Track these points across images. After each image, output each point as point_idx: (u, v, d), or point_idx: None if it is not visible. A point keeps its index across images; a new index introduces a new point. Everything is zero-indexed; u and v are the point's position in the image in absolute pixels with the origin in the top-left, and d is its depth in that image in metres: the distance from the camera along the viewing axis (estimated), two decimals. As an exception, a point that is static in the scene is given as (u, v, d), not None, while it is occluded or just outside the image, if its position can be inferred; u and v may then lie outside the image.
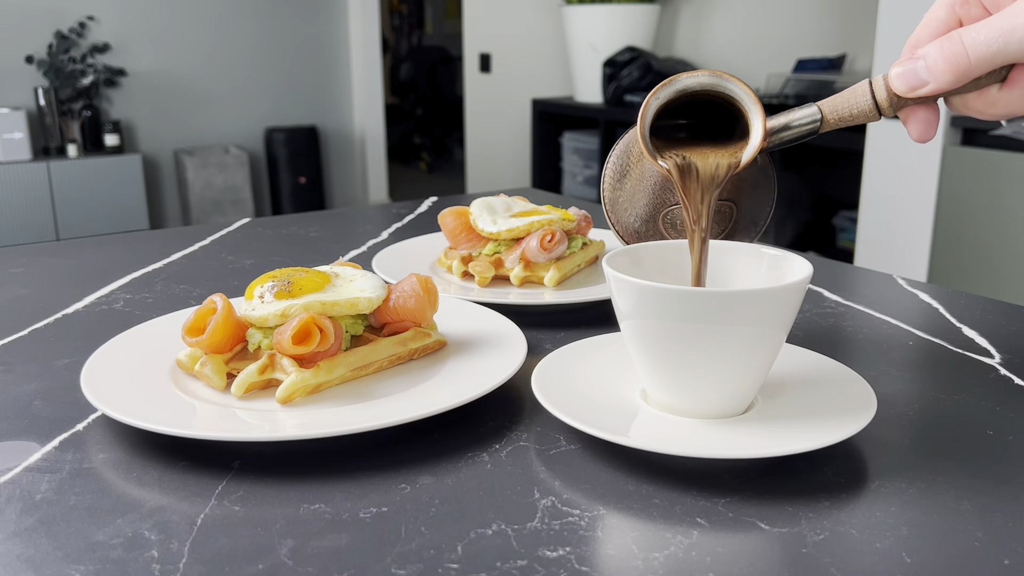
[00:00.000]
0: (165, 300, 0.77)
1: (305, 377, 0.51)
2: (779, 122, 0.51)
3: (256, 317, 0.54)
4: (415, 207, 1.17)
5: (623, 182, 0.55)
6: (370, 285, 0.59)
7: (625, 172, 0.55)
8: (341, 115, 4.76)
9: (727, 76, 0.50)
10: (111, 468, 0.46)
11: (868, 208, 2.24)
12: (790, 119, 0.51)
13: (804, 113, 0.51)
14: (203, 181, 4.11)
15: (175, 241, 0.99)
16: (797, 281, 0.46)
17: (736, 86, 0.50)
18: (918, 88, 0.47)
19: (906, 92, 0.47)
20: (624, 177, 0.55)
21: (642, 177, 0.53)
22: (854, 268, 0.90)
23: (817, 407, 0.49)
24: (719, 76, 0.50)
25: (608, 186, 0.56)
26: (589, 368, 0.54)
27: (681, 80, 0.49)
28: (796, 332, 0.68)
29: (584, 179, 3.33)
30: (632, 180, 0.54)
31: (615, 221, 0.56)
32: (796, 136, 0.51)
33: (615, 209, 0.56)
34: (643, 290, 0.45)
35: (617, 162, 0.56)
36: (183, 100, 4.28)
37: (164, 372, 0.55)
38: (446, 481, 0.45)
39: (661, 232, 0.55)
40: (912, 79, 0.47)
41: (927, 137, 0.48)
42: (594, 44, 3.13)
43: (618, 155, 0.56)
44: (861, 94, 0.49)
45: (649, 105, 0.50)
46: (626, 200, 0.55)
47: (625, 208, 0.55)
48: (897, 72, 0.47)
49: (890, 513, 0.41)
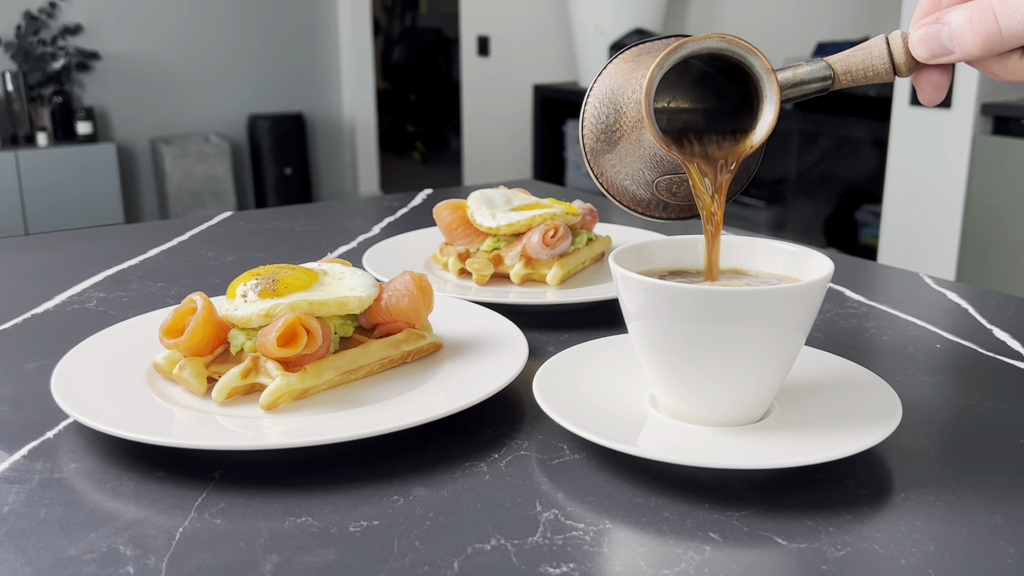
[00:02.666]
0: (141, 299, 0.77)
1: (291, 382, 0.51)
2: (785, 77, 0.51)
3: (239, 317, 0.54)
4: (408, 200, 1.17)
5: (612, 142, 0.54)
6: (360, 283, 0.59)
7: (615, 131, 0.54)
8: (329, 101, 4.76)
9: (739, 41, 0.50)
10: (84, 478, 0.46)
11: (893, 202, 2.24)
12: (798, 75, 0.50)
13: (813, 69, 0.50)
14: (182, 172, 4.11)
15: (152, 236, 0.99)
16: (817, 279, 0.46)
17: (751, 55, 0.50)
18: (940, 56, 0.47)
19: (927, 58, 0.47)
20: (613, 135, 0.54)
21: (639, 145, 0.52)
22: (878, 266, 0.90)
23: (838, 414, 0.49)
24: (730, 41, 0.50)
25: (589, 134, 0.55)
26: (595, 372, 0.54)
27: (688, 46, 0.49)
28: (816, 334, 0.68)
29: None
30: (626, 146, 0.53)
31: (599, 173, 0.55)
32: (803, 95, 0.51)
33: (599, 163, 0.55)
34: (652, 289, 0.45)
35: (601, 116, 0.54)
36: (160, 85, 4.28)
37: (140, 376, 0.55)
38: (441, 493, 0.45)
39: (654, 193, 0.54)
40: (935, 46, 0.47)
41: (937, 100, 0.49)
42: (600, 26, 3.13)
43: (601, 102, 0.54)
44: (878, 54, 0.49)
45: (654, 79, 0.49)
46: (615, 159, 0.54)
47: (612, 165, 0.54)
48: (919, 37, 0.47)
49: (916, 528, 0.41)
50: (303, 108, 4.66)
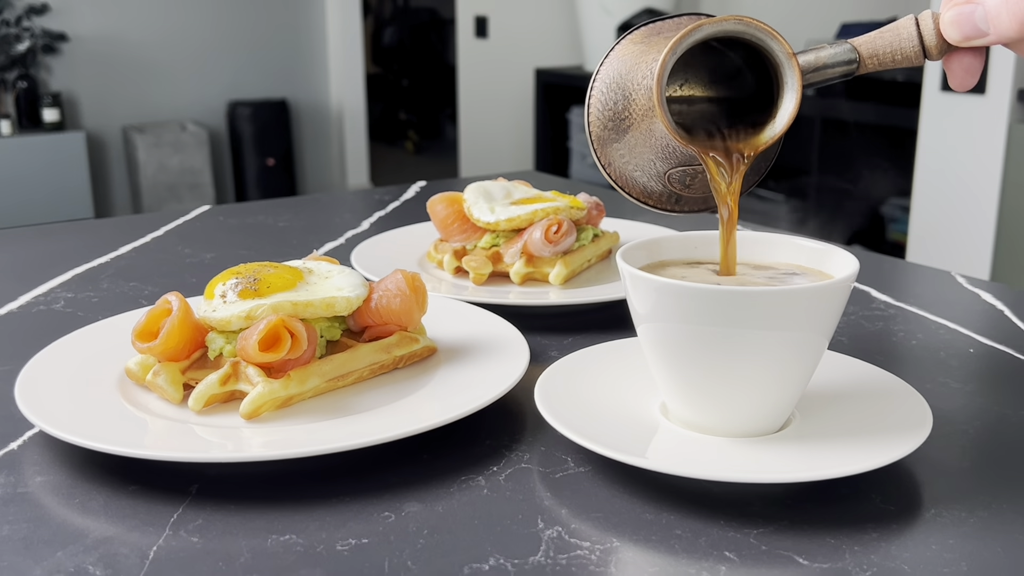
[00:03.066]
0: (112, 299, 0.77)
1: (273, 388, 0.51)
2: (806, 61, 0.51)
3: (217, 319, 0.54)
4: (400, 193, 1.17)
5: (620, 130, 0.54)
6: (348, 283, 0.59)
7: (624, 119, 0.54)
8: (315, 87, 4.76)
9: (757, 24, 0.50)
10: (50, 493, 0.46)
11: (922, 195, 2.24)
12: (820, 59, 0.50)
13: (836, 52, 0.50)
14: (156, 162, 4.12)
15: (124, 231, 0.99)
16: (841, 279, 0.46)
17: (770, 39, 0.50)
18: (974, 39, 0.47)
19: (959, 41, 0.47)
20: (622, 124, 0.54)
21: (649, 135, 0.53)
22: (906, 264, 0.90)
23: (863, 424, 0.49)
24: (748, 24, 0.50)
25: (595, 121, 0.55)
26: (601, 379, 0.54)
27: (703, 29, 0.49)
28: (839, 338, 0.68)
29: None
30: (636, 135, 0.54)
31: (606, 163, 0.55)
32: (826, 80, 0.51)
33: (606, 152, 0.55)
34: (663, 288, 0.45)
35: (608, 102, 0.54)
36: (133, 69, 4.28)
37: (111, 383, 0.55)
38: (436, 508, 0.45)
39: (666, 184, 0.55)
40: (968, 28, 0.47)
41: (969, 85, 0.49)
42: (606, 5, 3.13)
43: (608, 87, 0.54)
44: (907, 36, 0.49)
45: (666, 65, 0.49)
46: (623, 148, 0.54)
47: (621, 155, 0.55)
48: (951, 18, 0.47)
49: (947, 546, 0.41)
50: (287, 94, 4.66)
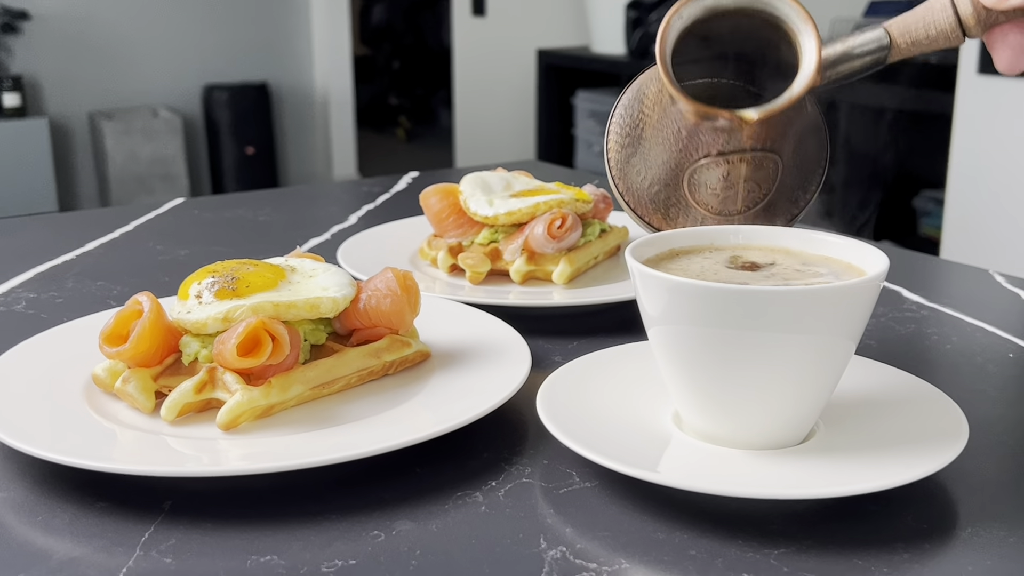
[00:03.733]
0: (78, 300, 0.77)
1: (253, 397, 0.51)
2: (836, 51, 0.51)
3: (192, 322, 0.54)
4: (391, 184, 1.17)
5: (635, 139, 0.55)
6: (334, 282, 0.59)
7: (637, 124, 0.54)
8: (298, 69, 4.76)
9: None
10: (11, 510, 0.46)
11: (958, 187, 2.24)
12: (850, 46, 0.51)
13: (868, 38, 0.50)
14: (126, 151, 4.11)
15: (91, 226, 0.99)
16: (870, 277, 0.46)
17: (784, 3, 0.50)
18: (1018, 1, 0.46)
19: (996, 3, 0.47)
20: (636, 131, 0.54)
21: (661, 124, 0.53)
22: (940, 261, 0.90)
23: (893, 435, 0.49)
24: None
25: (614, 146, 0.56)
26: (609, 386, 0.54)
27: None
28: (867, 341, 0.68)
29: (603, 150, 3.33)
30: (647, 131, 0.54)
31: (624, 189, 0.56)
32: (859, 69, 0.51)
33: (625, 175, 0.56)
34: (676, 288, 0.45)
35: (625, 114, 0.55)
36: (101, 50, 4.28)
37: (77, 391, 0.55)
38: (430, 527, 0.45)
39: (687, 197, 0.55)
40: None
41: (1017, 67, 0.48)
42: (615, -19, 3.13)
43: (626, 105, 0.55)
44: (940, 9, 0.49)
45: (671, 26, 0.49)
46: (639, 162, 0.55)
47: (638, 171, 0.55)
48: None
49: (985, 568, 0.41)
50: (268, 77, 4.66)
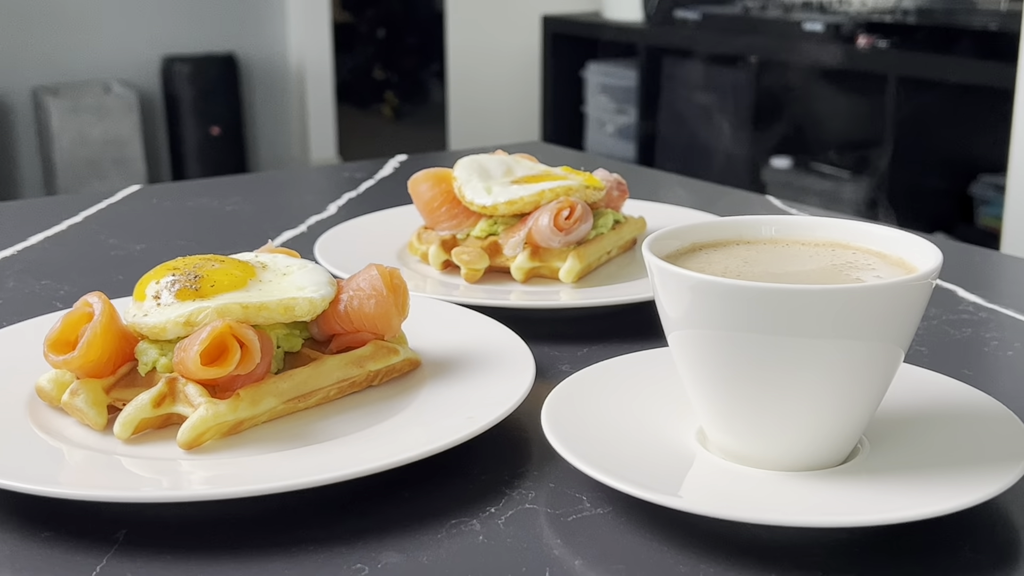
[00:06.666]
0: (20, 301, 0.77)
1: (219, 412, 0.51)
2: None
3: (149, 326, 0.54)
4: (376, 169, 1.17)
5: None
6: (311, 281, 0.59)
7: None
8: (270, 39, 4.76)
9: None
10: (-57, 541, 0.46)
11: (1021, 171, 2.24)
12: None
13: None
14: (74, 132, 4.11)
15: (34, 217, 0.99)
16: (920, 275, 0.45)
17: None
18: None
19: None
20: None
21: None
22: (1000, 256, 0.90)
23: (947, 454, 0.49)
24: None
25: None
26: (623, 399, 0.54)
27: None
28: (918, 347, 0.68)
29: (617, 129, 3.33)
30: None
31: None
32: None
33: None
34: (700, 286, 0.45)
35: None
36: (45, 18, 4.28)
37: (19, 405, 0.55)
38: (420, 559, 0.45)
39: None
40: None
41: None
42: (631, -63, 3.13)
43: None
44: None
45: None
46: None
47: None
48: None
49: (1052, 605, 0.41)
50: (235, 47, 4.66)
